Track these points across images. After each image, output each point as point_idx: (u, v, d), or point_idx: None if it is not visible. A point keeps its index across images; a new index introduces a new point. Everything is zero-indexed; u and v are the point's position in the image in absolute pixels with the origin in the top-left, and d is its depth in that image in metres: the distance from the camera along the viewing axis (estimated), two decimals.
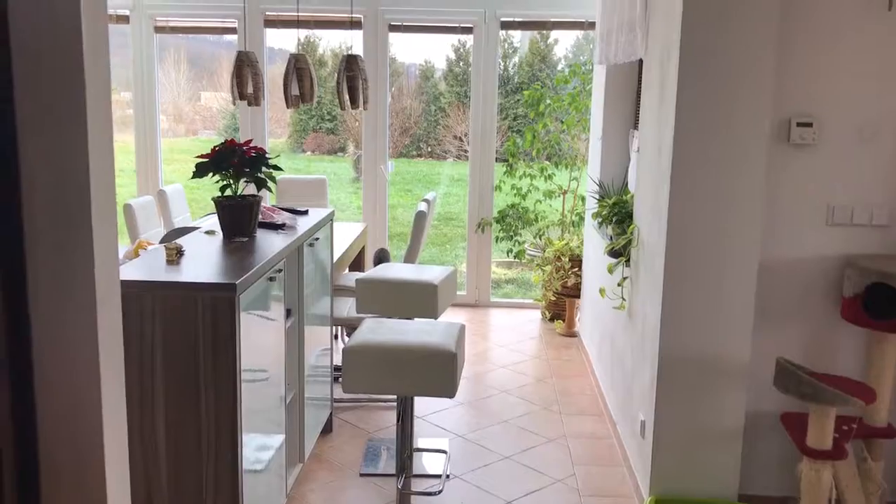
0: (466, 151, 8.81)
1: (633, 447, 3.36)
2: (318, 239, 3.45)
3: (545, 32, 9.78)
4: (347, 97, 4.28)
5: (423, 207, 4.34)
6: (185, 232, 3.30)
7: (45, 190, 0.70)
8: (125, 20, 5.92)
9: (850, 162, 2.94)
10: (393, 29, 5.87)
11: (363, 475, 3.37)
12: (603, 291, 3.95)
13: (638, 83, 4.28)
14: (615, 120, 4.63)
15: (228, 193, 2.94)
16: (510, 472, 3.46)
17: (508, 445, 3.71)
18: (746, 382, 2.90)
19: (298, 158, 12.01)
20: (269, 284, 2.69)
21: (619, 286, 3.63)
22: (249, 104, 4.59)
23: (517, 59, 11.12)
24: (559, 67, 10.78)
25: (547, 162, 5.93)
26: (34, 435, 0.69)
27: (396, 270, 3.51)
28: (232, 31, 6.01)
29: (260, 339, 2.62)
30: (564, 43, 10.82)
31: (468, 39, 5.95)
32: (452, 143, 11.59)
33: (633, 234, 3.43)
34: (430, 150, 12.00)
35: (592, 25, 5.17)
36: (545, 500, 3.23)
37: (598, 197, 4.51)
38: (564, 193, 5.85)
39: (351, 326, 4.25)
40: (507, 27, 5.98)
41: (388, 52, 5.91)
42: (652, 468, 2.99)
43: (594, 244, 4.67)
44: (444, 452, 3.59)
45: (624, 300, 3.59)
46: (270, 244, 2.88)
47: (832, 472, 2.70)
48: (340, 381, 2.83)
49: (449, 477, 3.38)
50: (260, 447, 2.65)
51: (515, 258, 6.03)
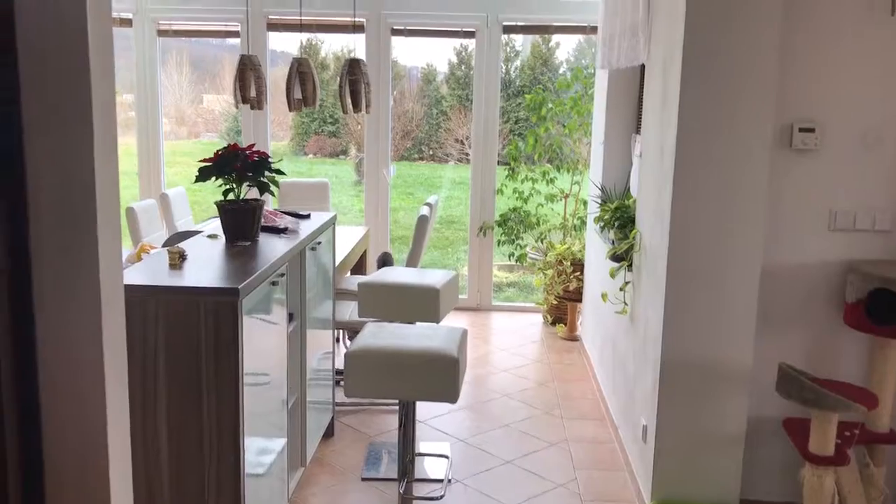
0: (468, 154, 8.81)
1: (634, 452, 3.35)
2: (320, 243, 3.45)
3: (547, 36, 9.79)
4: (350, 101, 4.28)
5: (425, 211, 4.34)
6: (187, 236, 3.30)
7: (50, 191, 0.70)
8: (128, 23, 5.93)
9: (852, 167, 2.94)
10: (395, 33, 5.87)
11: (365, 479, 3.37)
12: (605, 296, 3.94)
13: (640, 88, 4.28)
14: (617, 124, 4.63)
15: (231, 197, 2.94)
16: (512, 476, 3.45)
17: (510, 450, 3.71)
18: (748, 387, 2.90)
19: (300, 161, 12.02)
20: (271, 289, 2.69)
21: (621, 291, 3.63)
22: (252, 108, 4.59)
23: (519, 62, 11.13)
24: (561, 71, 10.79)
25: (548, 165, 5.93)
26: (39, 436, 0.69)
27: (398, 274, 3.51)
28: (235, 34, 6.02)
29: (262, 342, 2.62)
30: (566, 46, 10.83)
31: (470, 43, 5.95)
32: (454, 146, 11.60)
33: (635, 238, 3.43)
34: (431, 153, 12.01)
35: (594, 30, 5.17)
36: None
37: (600, 201, 4.51)
38: (566, 197, 5.85)
39: (353, 330, 4.25)
40: (509, 31, 5.98)
41: (390, 55, 5.92)
42: (654, 473, 2.99)
43: (596, 248, 4.66)
44: (445, 457, 3.58)
45: (626, 305, 3.58)
46: (273, 248, 2.88)
47: (834, 477, 2.70)
48: (342, 384, 2.83)
49: (451, 481, 3.38)
50: (262, 451, 2.65)
51: (517, 262, 6.03)
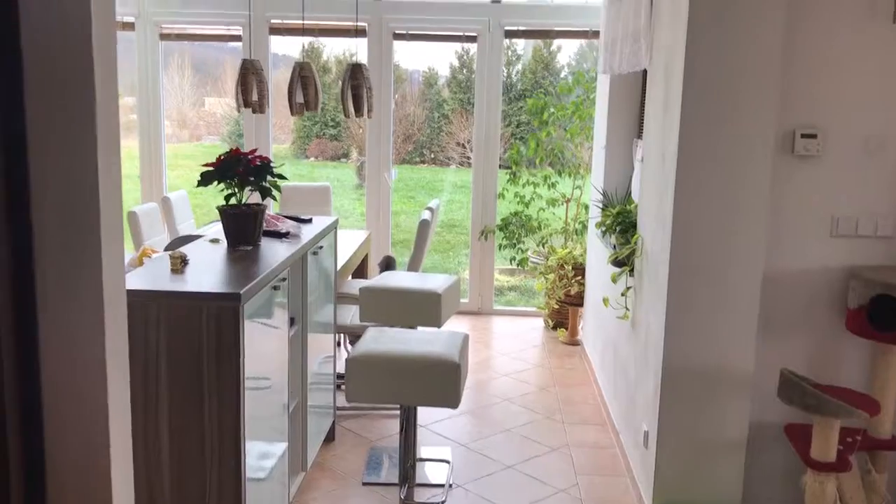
0: (469, 158, 8.81)
1: (636, 457, 3.35)
2: (322, 247, 3.45)
3: (549, 40, 9.80)
4: (352, 106, 4.29)
5: (426, 216, 4.34)
6: (189, 240, 3.30)
7: (53, 192, 0.70)
8: (130, 27, 5.94)
9: (854, 173, 2.94)
10: (397, 37, 5.88)
11: (365, 484, 3.36)
12: (606, 301, 3.94)
13: (642, 93, 4.29)
14: (619, 129, 4.63)
15: (233, 202, 2.95)
16: (513, 481, 3.45)
17: (511, 455, 3.71)
18: (750, 393, 2.90)
19: (302, 164, 12.03)
20: (273, 293, 2.69)
21: (622, 296, 3.63)
22: (254, 111, 4.60)
23: (520, 66, 11.14)
24: (562, 75, 10.80)
25: (550, 169, 5.93)
26: (41, 438, 0.69)
27: (400, 279, 3.51)
28: (237, 38, 6.03)
29: (263, 347, 2.63)
30: (568, 50, 10.84)
31: (471, 47, 5.96)
32: (455, 149, 11.60)
33: (636, 243, 3.43)
34: (433, 156, 12.01)
35: (596, 34, 5.18)
36: None
37: (601, 206, 4.51)
38: (568, 202, 5.85)
39: (354, 334, 4.25)
40: (511, 36, 5.98)
41: (392, 59, 5.92)
42: (655, 479, 2.98)
43: (597, 253, 4.66)
44: (446, 462, 3.58)
45: (627, 310, 3.58)
46: (275, 253, 2.88)
47: (836, 484, 2.70)
48: (343, 388, 2.83)
49: (452, 486, 3.38)
50: (263, 455, 2.65)
51: (518, 266, 6.02)
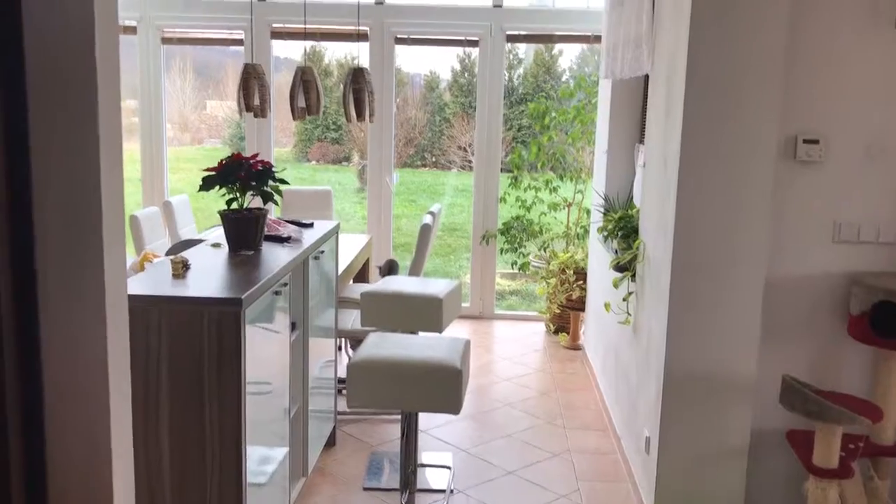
0: (471, 162, 8.81)
1: (637, 463, 3.34)
2: (323, 252, 3.45)
3: (550, 44, 9.81)
4: (353, 110, 4.29)
5: (428, 220, 4.33)
6: (190, 244, 3.30)
7: (56, 194, 0.70)
8: (132, 31, 5.95)
9: (856, 179, 2.94)
10: (399, 41, 5.88)
11: (366, 489, 3.36)
12: (608, 306, 3.94)
13: (644, 98, 4.29)
14: (620, 134, 4.63)
15: (235, 206, 2.95)
16: (514, 487, 3.44)
17: (512, 460, 3.70)
18: (752, 399, 2.89)
19: (303, 168, 12.04)
20: (274, 298, 2.69)
21: (624, 301, 3.62)
22: (256, 116, 4.60)
23: (522, 69, 11.15)
24: (564, 79, 10.81)
25: (551, 173, 5.92)
26: (42, 442, 0.69)
27: (401, 284, 3.51)
28: (239, 42, 6.03)
29: (265, 352, 2.62)
30: (569, 54, 10.85)
31: (473, 50, 5.96)
32: (457, 153, 11.61)
33: (638, 249, 3.42)
34: (434, 160, 12.02)
35: (598, 39, 5.18)
36: None
37: (603, 211, 4.51)
38: (569, 206, 5.85)
39: (355, 339, 4.24)
40: (512, 40, 5.99)
41: (393, 64, 5.93)
42: (657, 485, 2.98)
43: (599, 257, 4.66)
44: (447, 468, 3.57)
45: (629, 315, 3.58)
46: (276, 257, 2.88)
47: (839, 490, 2.69)
48: (344, 393, 2.82)
49: (453, 492, 3.37)
50: (264, 460, 2.65)
51: (520, 270, 6.02)
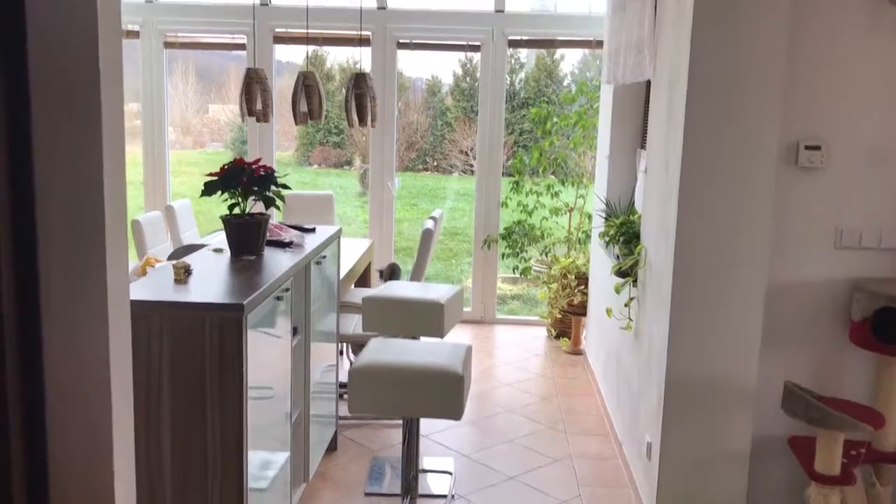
0: (472, 166, 8.81)
1: (639, 469, 3.34)
2: (325, 257, 3.45)
3: (552, 49, 9.82)
4: (356, 115, 4.30)
5: (429, 225, 4.34)
6: (192, 249, 3.31)
7: (59, 197, 0.70)
8: (135, 35, 5.96)
9: (858, 185, 2.94)
10: (401, 46, 5.89)
11: (368, 495, 3.36)
12: (609, 312, 3.94)
13: (645, 103, 4.29)
14: (622, 139, 4.63)
15: (237, 211, 2.95)
16: (515, 492, 3.44)
17: (513, 465, 3.69)
18: (754, 405, 2.89)
19: (305, 171, 12.06)
20: (276, 303, 2.69)
21: (625, 306, 3.62)
22: (258, 120, 4.61)
23: (523, 74, 11.16)
24: (565, 83, 10.82)
25: (553, 178, 5.93)
26: (44, 446, 0.69)
27: (403, 289, 3.51)
28: (241, 47, 6.04)
29: (266, 357, 2.62)
30: (571, 59, 10.86)
31: (475, 55, 5.97)
32: (458, 157, 11.62)
33: (640, 254, 3.42)
34: (436, 164, 12.03)
35: (600, 44, 5.18)
36: None
37: (604, 216, 4.51)
38: (571, 211, 5.85)
39: (357, 343, 4.24)
40: (514, 45, 6.00)
41: (396, 69, 5.93)
42: (658, 491, 2.97)
43: (601, 262, 4.66)
44: (449, 473, 3.57)
45: (631, 320, 3.58)
46: (278, 262, 2.88)
47: (840, 497, 2.68)
48: (346, 398, 2.82)
49: (454, 498, 3.37)
50: (265, 465, 2.65)
51: (521, 275, 6.02)
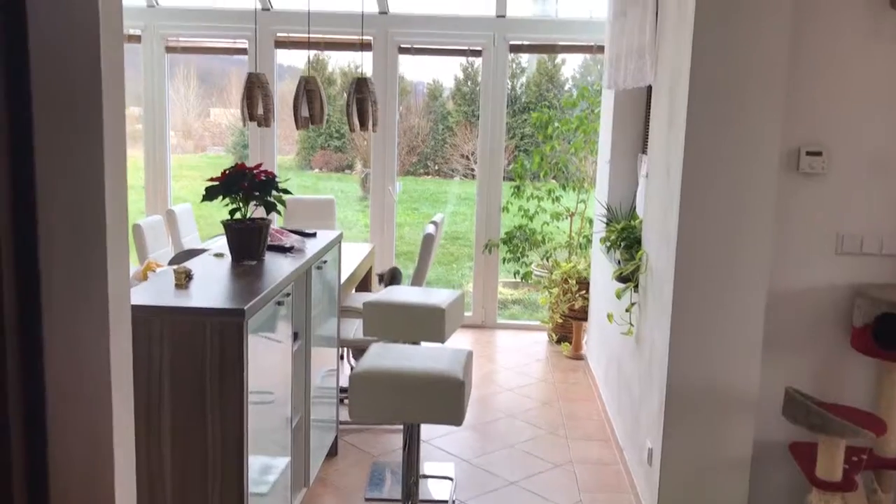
0: (473, 170, 8.81)
1: (640, 475, 3.33)
2: (326, 261, 3.45)
3: (553, 54, 9.83)
4: (357, 119, 4.30)
5: (430, 230, 4.34)
6: (193, 254, 3.31)
7: (61, 201, 0.70)
8: (137, 40, 5.97)
9: (859, 191, 2.93)
10: (402, 51, 5.90)
11: (368, 500, 3.35)
12: (611, 317, 3.93)
13: (646, 108, 4.29)
14: (623, 144, 4.63)
15: (238, 216, 2.95)
16: (516, 498, 3.43)
17: (514, 471, 3.69)
18: (755, 411, 2.89)
19: (306, 175, 12.07)
20: (277, 308, 2.69)
21: (627, 312, 3.62)
22: (259, 125, 4.61)
23: (525, 78, 11.18)
24: (566, 87, 10.83)
25: (554, 182, 5.93)
26: (44, 449, 0.69)
27: (404, 293, 3.51)
28: (242, 51, 6.05)
29: (267, 362, 2.62)
30: (572, 63, 10.89)
31: (476, 59, 5.97)
32: (460, 161, 11.62)
33: (641, 260, 3.42)
34: (437, 168, 12.04)
35: (601, 49, 5.18)
36: None
37: (605, 221, 4.51)
38: (572, 216, 5.85)
39: (357, 348, 4.24)
40: (515, 50, 6.00)
41: (397, 73, 5.94)
42: (659, 497, 2.97)
43: (602, 267, 4.66)
44: (449, 479, 3.56)
45: (632, 326, 3.57)
46: (279, 267, 2.88)
47: (842, 503, 2.68)
48: (346, 402, 2.82)
49: (455, 503, 3.36)
50: (265, 470, 2.64)
51: (522, 280, 6.01)
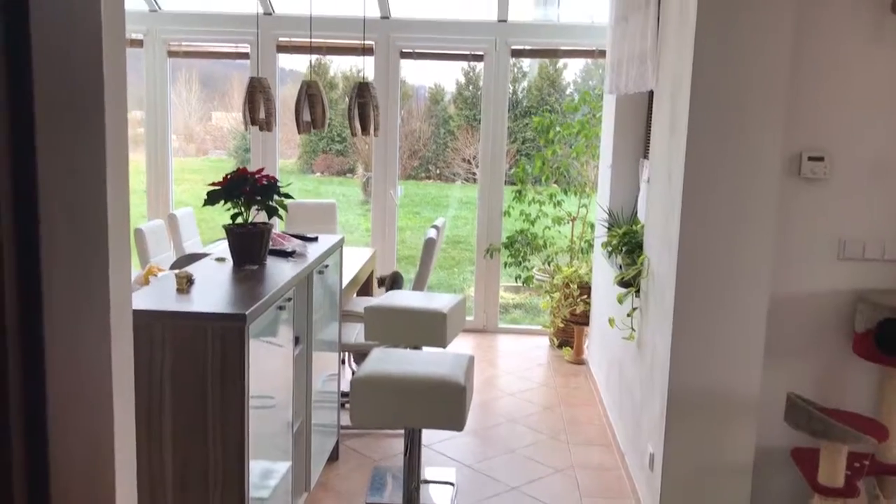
0: (475, 174, 8.82)
1: (641, 480, 3.33)
2: (327, 266, 3.45)
3: (555, 59, 9.84)
4: (358, 124, 4.30)
5: (432, 234, 4.34)
6: (195, 258, 3.31)
7: (63, 205, 0.70)
8: (139, 44, 5.98)
9: (861, 196, 2.93)
10: (404, 56, 5.91)
11: None
12: (612, 322, 3.93)
13: (648, 113, 4.29)
14: (625, 148, 4.63)
15: (239, 221, 2.95)
16: (517, 503, 3.42)
17: (516, 476, 3.68)
18: (757, 417, 2.88)
19: (308, 179, 12.08)
20: (278, 313, 2.69)
21: (628, 316, 3.61)
22: (261, 129, 4.61)
23: (526, 83, 11.18)
24: (568, 92, 10.84)
25: (555, 186, 5.93)
26: (45, 453, 0.69)
27: (405, 298, 3.51)
28: (244, 56, 6.06)
29: (268, 366, 2.62)
30: (574, 68, 10.88)
31: (478, 63, 5.98)
32: (461, 165, 11.63)
33: (643, 264, 3.42)
34: (438, 172, 12.04)
35: (603, 54, 5.19)
36: None
37: (607, 225, 4.50)
38: (573, 220, 5.85)
39: (359, 353, 4.24)
40: (517, 55, 6.00)
41: (399, 78, 5.95)
42: (660, 502, 2.96)
43: (603, 272, 4.65)
44: (451, 484, 3.56)
45: (633, 330, 3.57)
46: (280, 272, 2.88)
47: None
48: (347, 407, 2.82)
49: None
50: (266, 474, 2.64)
51: (524, 284, 6.01)
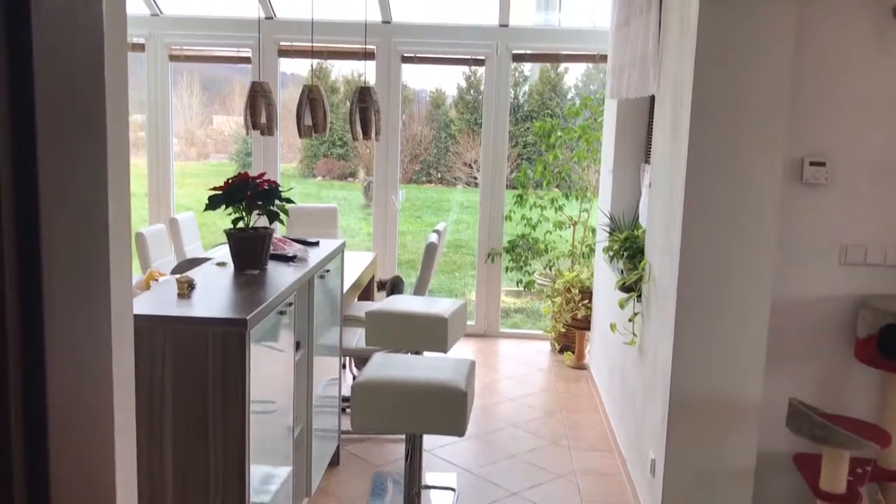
0: (476, 178, 8.83)
1: (643, 485, 3.32)
2: (328, 270, 3.45)
3: (556, 63, 9.84)
4: (360, 128, 4.30)
5: (433, 238, 4.33)
6: (196, 263, 3.31)
7: (64, 211, 0.70)
8: (140, 48, 5.99)
9: (863, 201, 2.93)
10: (406, 60, 5.91)
11: None
12: (614, 326, 3.93)
13: (649, 117, 4.29)
14: (626, 153, 4.63)
15: (241, 226, 2.95)
16: None
17: (517, 481, 3.67)
18: (758, 422, 2.87)
19: (309, 183, 12.08)
20: (279, 318, 2.68)
21: (630, 321, 3.61)
22: (263, 134, 4.62)
23: (527, 87, 11.19)
24: (569, 96, 10.84)
25: (557, 191, 5.92)
26: (46, 462, 0.68)
27: (406, 303, 3.50)
28: (246, 60, 6.07)
29: (269, 371, 2.62)
30: (575, 72, 10.89)
31: (479, 68, 5.98)
32: (462, 169, 11.63)
33: (644, 269, 3.41)
34: (440, 176, 12.04)
35: (604, 59, 5.19)
36: None
37: (608, 230, 4.50)
38: (574, 225, 5.85)
39: (360, 357, 4.24)
40: (518, 60, 6.01)
41: (400, 82, 5.95)
42: None
43: (605, 277, 4.65)
44: (452, 490, 3.55)
45: (635, 335, 3.56)
46: (282, 277, 2.88)
47: None
48: (348, 412, 2.81)
49: None
50: (267, 479, 2.64)
51: (525, 288, 6.01)
